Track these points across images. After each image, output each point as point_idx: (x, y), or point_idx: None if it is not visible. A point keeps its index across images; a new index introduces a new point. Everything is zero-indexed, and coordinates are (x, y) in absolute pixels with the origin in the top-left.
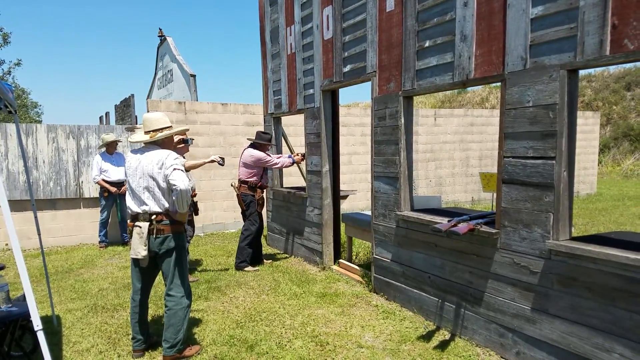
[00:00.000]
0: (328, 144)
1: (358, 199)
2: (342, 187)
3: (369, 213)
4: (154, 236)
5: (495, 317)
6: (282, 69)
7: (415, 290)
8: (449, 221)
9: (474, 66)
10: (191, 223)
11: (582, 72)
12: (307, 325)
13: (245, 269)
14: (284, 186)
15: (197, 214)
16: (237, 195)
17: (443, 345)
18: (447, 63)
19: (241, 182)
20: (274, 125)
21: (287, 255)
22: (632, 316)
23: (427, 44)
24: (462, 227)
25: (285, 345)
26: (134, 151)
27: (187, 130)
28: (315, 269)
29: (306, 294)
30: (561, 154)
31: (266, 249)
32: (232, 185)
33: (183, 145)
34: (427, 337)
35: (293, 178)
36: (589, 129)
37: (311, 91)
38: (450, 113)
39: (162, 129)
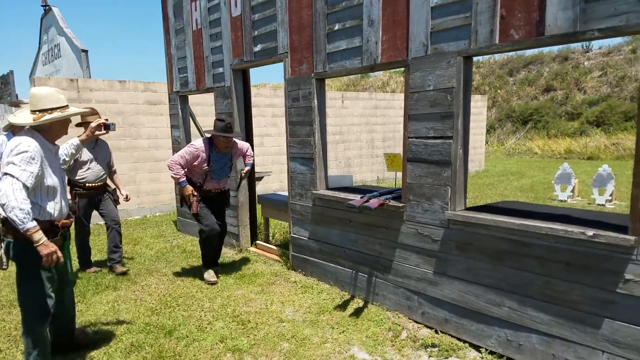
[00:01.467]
0: (241, 124)
1: (271, 180)
2: (256, 168)
3: (285, 194)
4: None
5: (402, 283)
6: (187, 45)
7: (331, 264)
8: (361, 198)
9: (380, 51)
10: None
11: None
12: (227, 307)
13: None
14: None
15: (117, 203)
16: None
17: (357, 312)
18: (356, 47)
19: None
20: (181, 105)
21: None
22: (518, 273)
23: (336, 27)
24: (374, 203)
25: (206, 328)
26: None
27: (92, 112)
28: (232, 251)
29: (224, 277)
30: (458, 134)
31: (177, 235)
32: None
33: (104, 132)
34: (343, 306)
35: None
36: (477, 111)
37: (221, 70)
38: (357, 96)
39: (51, 110)
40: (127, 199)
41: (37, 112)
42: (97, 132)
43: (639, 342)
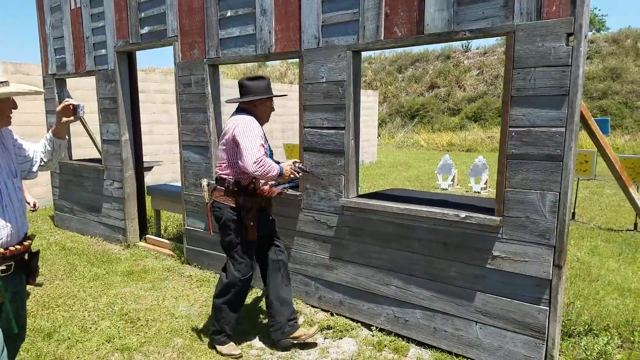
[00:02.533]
0: (127, 109)
1: (163, 171)
2: (145, 158)
3: (178, 184)
4: None
5: (300, 269)
6: (65, 24)
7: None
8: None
9: (274, 40)
10: None
11: (364, 55)
12: (114, 305)
13: (221, 346)
14: (73, 158)
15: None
16: (206, 205)
17: (256, 302)
18: (250, 35)
19: (216, 179)
20: (57, 89)
21: (82, 236)
22: (402, 254)
23: (229, 14)
24: (275, 190)
25: (90, 328)
26: None
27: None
28: (118, 247)
29: (110, 274)
30: (349, 125)
31: (55, 231)
32: (201, 187)
33: (74, 117)
34: None
35: (83, 150)
36: (370, 105)
37: (103, 51)
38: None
39: None
40: (34, 208)
41: None
42: (64, 119)
43: (505, 311)
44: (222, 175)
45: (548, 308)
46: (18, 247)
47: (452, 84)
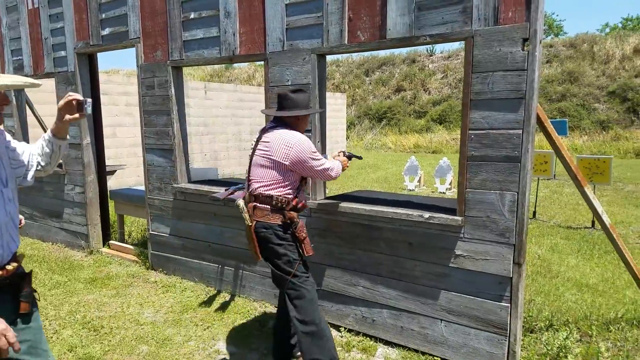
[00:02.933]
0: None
1: (127, 174)
2: (108, 162)
3: (142, 188)
4: None
5: (268, 273)
6: (22, 25)
7: (195, 261)
8: (226, 190)
9: (239, 43)
10: None
11: (332, 58)
12: (76, 313)
13: None
14: None
15: None
16: (249, 229)
17: (224, 306)
18: (214, 37)
19: (257, 197)
20: (15, 91)
21: (43, 243)
22: (369, 255)
23: (192, 16)
24: (239, 194)
25: (52, 338)
26: None
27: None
28: (80, 254)
29: (72, 281)
30: (315, 128)
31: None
32: (238, 207)
33: (79, 115)
34: (209, 302)
35: None
36: (338, 108)
37: (63, 53)
38: (221, 87)
39: None
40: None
41: None
42: (68, 117)
43: (469, 309)
44: (270, 193)
45: (509, 305)
46: (10, 267)
47: (417, 87)
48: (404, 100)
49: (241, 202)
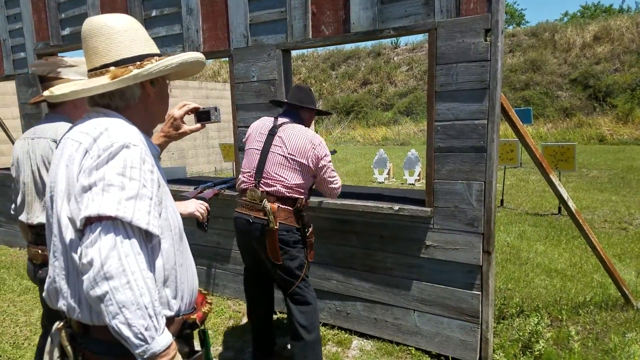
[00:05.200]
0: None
1: None
2: None
3: None
4: None
5: (241, 270)
6: None
7: None
8: (195, 189)
9: (202, 40)
10: None
11: (297, 52)
12: None
13: None
14: None
15: None
16: (273, 232)
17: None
18: (177, 34)
19: (278, 198)
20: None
21: (10, 248)
22: (341, 249)
23: (154, 13)
24: (208, 193)
25: (23, 344)
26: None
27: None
28: None
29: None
30: None
31: None
32: (265, 208)
33: (201, 125)
34: None
35: (6, 158)
36: None
37: (23, 54)
38: (186, 85)
39: (140, 59)
40: None
41: (112, 67)
42: (187, 128)
43: (441, 298)
44: (294, 195)
45: (480, 293)
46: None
47: (383, 80)
48: (371, 93)
49: (268, 205)
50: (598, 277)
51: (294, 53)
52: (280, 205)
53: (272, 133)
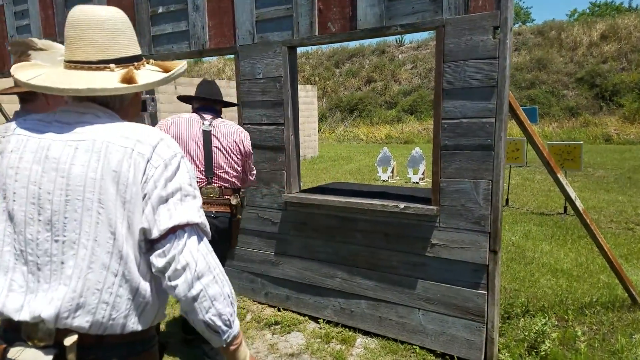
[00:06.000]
0: None
1: None
2: None
3: None
4: None
5: (246, 267)
6: None
7: None
8: None
9: (208, 37)
10: None
11: (301, 50)
12: None
13: None
14: None
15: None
16: (238, 221)
17: None
18: (183, 31)
19: (234, 190)
20: None
21: None
22: (346, 247)
23: (160, 10)
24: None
25: None
26: (27, 122)
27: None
28: None
29: None
30: (289, 121)
31: None
32: (232, 204)
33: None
34: None
35: None
36: (309, 100)
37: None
38: (190, 82)
39: (137, 60)
40: None
41: (112, 64)
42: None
43: (446, 297)
44: (238, 183)
45: (486, 292)
46: None
47: (387, 78)
48: (375, 91)
49: (234, 200)
50: (604, 278)
51: (298, 51)
52: (235, 194)
53: (207, 130)
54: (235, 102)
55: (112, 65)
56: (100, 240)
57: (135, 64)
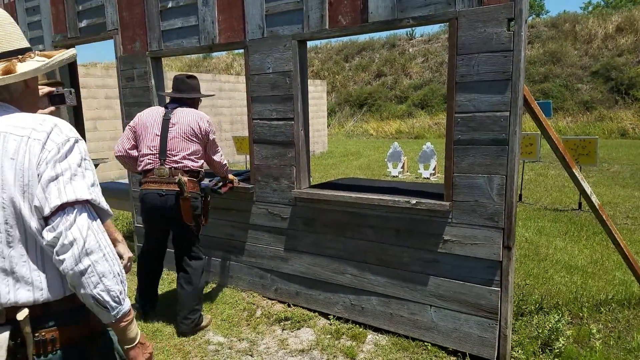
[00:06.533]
0: (68, 107)
1: (109, 168)
2: (90, 155)
3: (125, 182)
4: None
5: (255, 262)
6: None
7: None
8: (210, 181)
9: (218, 31)
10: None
11: (310, 44)
12: None
13: (204, 322)
14: None
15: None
16: (187, 199)
17: (212, 297)
18: (193, 26)
19: (186, 172)
20: None
21: None
22: (356, 243)
23: (170, 5)
24: (223, 188)
25: None
26: None
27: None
28: None
29: None
30: (298, 115)
31: None
32: (178, 183)
33: (53, 107)
34: None
35: None
36: (318, 95)
37: (41, 47)
38: (199, 77)
39: (21, 53)
40: None
41: None
42: (40, 112)
43: (458, 294)
44: (194, 167)
45: (499, 289)
46: None
47: (398, 72)
48: (385, 85)
49: (183, 178)
50: (620, 275)
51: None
52: (188, 178)
53: (167, 118)
54: (215, 95)
55: None
56: (9, 221)
57: (20, 57)
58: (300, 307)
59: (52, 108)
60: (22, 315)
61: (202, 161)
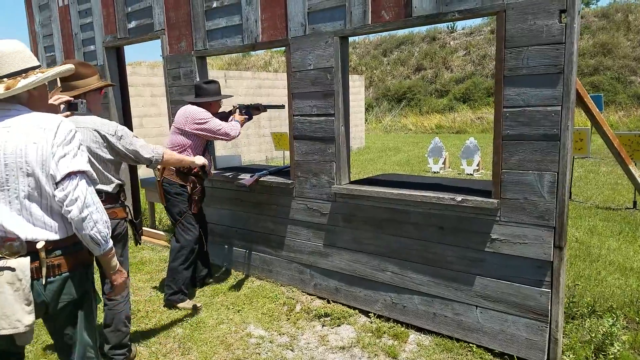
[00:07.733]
0: (117, 105)
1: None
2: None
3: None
4: (44, 280)
5: (295, 257)
6: (53, 22)
7: (224, 246)
8: (251, 176)
9: (260, 30)
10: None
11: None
12: None
13: (182, 304)
14: None
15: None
16: (158, 182)
17: (252, 291)
18: (236, 25)
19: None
20: (48, 85)
21: None
22: (397, 239)
23: (214, 5)
24: (248, 180)
25: None
26: None
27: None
28: None
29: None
30: (339, 111)
31: None
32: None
33: (69, 112)
34: (238, 286)
35: None
36: (356, 90)
37: (92, 47)
38: (240, 75)
39: (25, 72)
40: None
41: (3, 79)
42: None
43: (506, 295)
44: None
45: (550, 290)
46: None
47: (438, 66)
48: (425, 79)
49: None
50: None
51: None
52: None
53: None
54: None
55: (5, 79)
56: (31, 185)
57: (24, 74)
58: (340, 304)
59: (68, 112)
60: (40, 244)
61: (189, 152)
